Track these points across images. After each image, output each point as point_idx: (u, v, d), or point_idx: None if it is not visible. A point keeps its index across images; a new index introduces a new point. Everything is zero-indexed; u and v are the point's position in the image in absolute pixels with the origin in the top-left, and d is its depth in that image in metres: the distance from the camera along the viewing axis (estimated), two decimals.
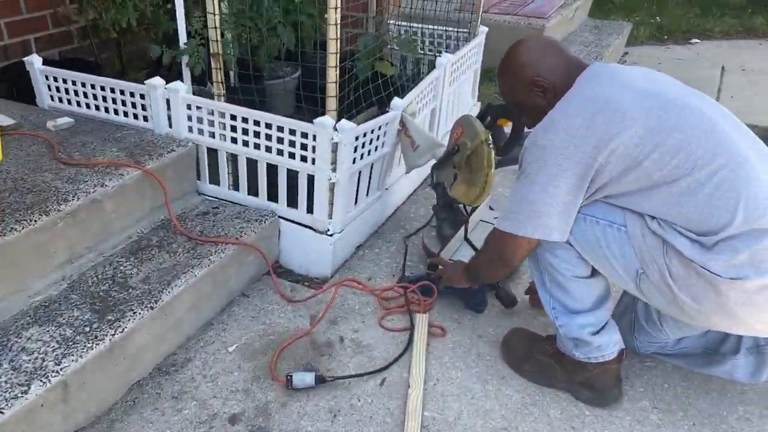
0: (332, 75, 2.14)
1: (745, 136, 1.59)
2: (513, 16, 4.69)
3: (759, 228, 1.48)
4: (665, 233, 1.56)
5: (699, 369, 1.92)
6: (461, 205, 2.48)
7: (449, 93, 3.10)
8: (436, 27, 3.47)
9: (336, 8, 2.04)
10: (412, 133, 2.48)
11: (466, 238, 2.44)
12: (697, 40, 6.24)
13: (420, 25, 3.52)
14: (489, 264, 1.88)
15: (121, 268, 2.02)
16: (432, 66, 3.59)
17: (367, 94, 2.64)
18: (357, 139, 2.25)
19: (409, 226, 2.73)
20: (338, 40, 2.11)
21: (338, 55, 2.13)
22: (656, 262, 1.58)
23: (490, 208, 2.71)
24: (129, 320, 1.80)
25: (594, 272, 1.76)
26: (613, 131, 1.55)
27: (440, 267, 2.21)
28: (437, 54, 3.56)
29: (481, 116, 2.30)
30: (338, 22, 2.08)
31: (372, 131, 2.34)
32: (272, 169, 2.34)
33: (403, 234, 2.66)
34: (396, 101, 2.44)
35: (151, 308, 1.86)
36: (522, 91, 1.81)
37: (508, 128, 2.32)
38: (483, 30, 3.45)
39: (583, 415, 1.83)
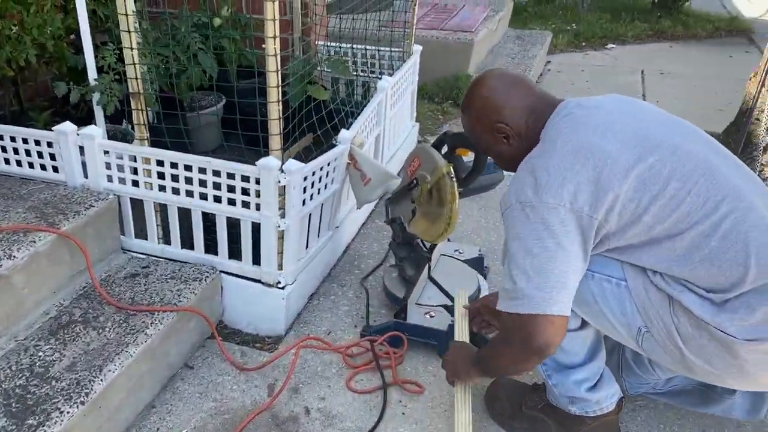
0: (274, 111, 1.90)
1: (741, 172, 1.45)
2: (440, 31, 4.57)
3: None
4: (671, 289, 1.41)
5: (694, 408, 1.80)
6: (420, 241, 2.29)
7: (391, 117, 2.92)
8: (367, 47, 3.28)
9: (275, 37, 1.80)
10: (362, 166, 2.27)
11: (430, 277, 2.24)
12: (613, 45, 6.35)
13: (350, 45, 3.32)
14: (517, 356, 1.48)
15: (40, 354, 1.70)
16: (365, 87, 3.42)
17: (301, 121, 2.40)
18: (306, 179, 2.02)
19: (364, 266, 2.51)
20: (279, 72, 1.87)
21: (280, 88, 1.89)
22: (662, 320, 1.43)
23: (448, 240, 2.53)
24: (56, 422, 1.49)
25: (584, 322, 1.60)
26: (605, 186, 1.37)
27: (444, 356, 1.84)
28: (370, 75, 3.39)
29: (437, 145, 2.11)
30: (278, 52, 1.84)
31: (321, 168, 2.11)
32: (209, 218, 2.07)
33: (359, 275, 2.44)
34: (344, 133, 2.23)
35: (82, 403, 1.56)
36: (485, 135, 1.62)
37: (467, 158, 2.15)
38: (417, 48, 3.29)
39: None
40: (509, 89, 1.58)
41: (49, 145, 2.08)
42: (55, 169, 2.13)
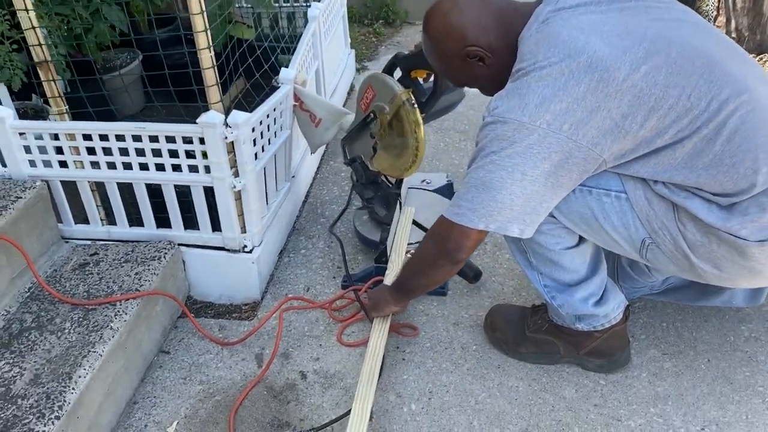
0: (207, 59, 1.69)
1: (743, 61, 1.34)
2: None
3: None
4: (675, 196, 1.32)
5: (693, 302, 1.76)
6: (385, 177, 2.15)
7: (327, 46, 2.70)
8: None
9: None
10: (310, 106, 2.08)
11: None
12: None
13: None
14: (429, 264, 1.52)
15: None
16: (292, 19, 3.17)
17: (229, 66, 2.17)
18: (254, 130, 1.83)
19: (329, 212, 2.36)
20: (205, 13, 1.64)
21: (208, 32, 1.67)
22: (668, 230, 1.35)
23: None
24: None
25: (581, 237, 1.52)
26: (593, 104, 1.23)
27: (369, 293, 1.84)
28: (294, 4, 3.13)
29: (389, 70, 1.94)
30: (203, 8, 1.61)
31: (268, 116, 1.92)
32: (156, 189, 1.86)
33: (326, 223, 2.29)
34: (285, 73, 2.02)
35: (57, 418, 1.39)
36: (458, 63, 1.45)
37: (426, 83, 1.98)
38: None
39: (599, 386, 1.62)
40: (468, 7, 1.41)
41: None
42: None
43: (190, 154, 1.79)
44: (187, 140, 1.75)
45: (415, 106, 1.81)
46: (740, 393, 1.58)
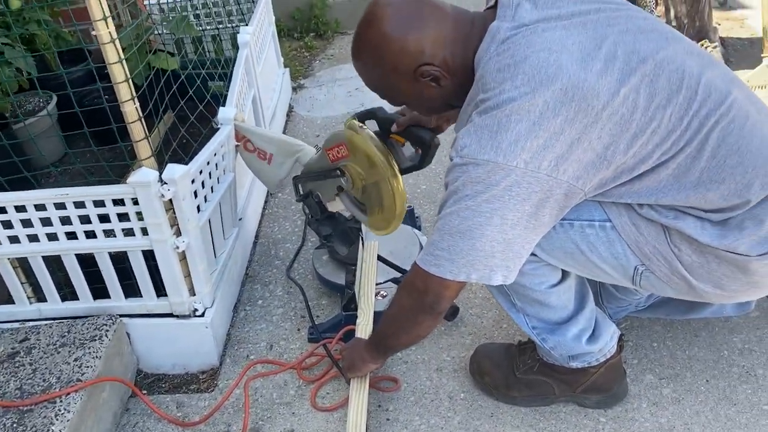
0: (132, 112, 1.49)
1: (711, 64, 1.23)
2: None
3: None
4: (664, 218, 1.22)
5: (682, 316, 1.67)
6: (340, 211, 1.97)
7: (260, 72, 2.51)
8: None
9: (105, 18, 1.36)
10: (257, 143, 1.89)
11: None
12: None
13: None
14: (408, 319, 1.36)
15: None
16: (217, 42, 2.97)
17: (156, 102, 1.95)
18: (194, 182, 1.64)
19: (283, 252, 2.18)
20: (124, 62, 1.44)
21: (130, 81, 1.47)
22: (661, 254, 1.25)
23: None
24: None
25: (564, 271, 1.41)
26: (571, 136, 1.10)
27: (341, 350, 1.68)
28: (219, 26, 2.94)
29: (363, 118, 1.70)
30: (114, 35, 1.41)
31: (209, 162, 1.72)
32: (88, 257, 1.65)
33: (281, 266, 2.11)
34: (223, 112, 1.83)
35: None
36: (405, 86, 1.27)
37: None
38: None
39: (600, 425, 1.51)
40: (419, 16, 1.22)
41: None
42: None
43: (123, 217, 1.58)
44: (119, 202, 1.55)
45: (400, 179, 1.61)
46: (746, 415, 1.50)
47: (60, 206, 1.56)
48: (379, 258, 1.94)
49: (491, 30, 1.20)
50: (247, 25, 2.44)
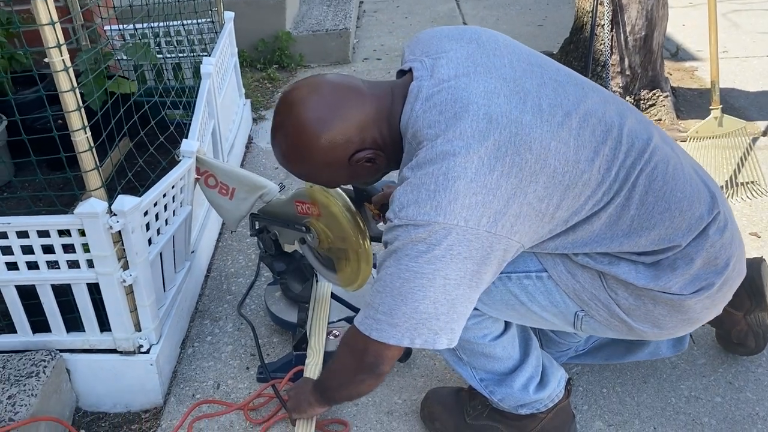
0: (83, 142, 1.44)
1: (626, 108, 1.27)
2: None
3: (701, 226, 1.24)
4: (599, 264, 1.24)
5: (621, 359, 1.69)
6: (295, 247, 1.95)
7: (221, 102, 2.49)
8: (170, 22, 2.77)
9: (59, 46, 1.33)
10: (220, 178, 1.85)
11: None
12: None
13: (148, 24, 2.78)
14: (349, 378, 1.34)
15: None
16: (177, 69, 2.94)
17: (108, 124, 1.90)
18: (147, 214, 1.60)
19: (236, 287, 2.13)
20: (77, 90, 1.41)
21: (82, 110, 1.43)
22: (598, 299, 1.28)
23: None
24: None
25: (507, 322, 1.43)
26: (507, 193, 1.10)
27: (287, 392, 1.64)
28: (180, 54, 2.90)
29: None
30: (68, 64, 1.37)
31: (165, 195, 1.69)
32: (28, 289, 1.59)
33: (233, 301, 2.07)
34: (186, 145, 1.80)
35: None
36: (339, 174, 1.28)
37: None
38: (230, 15, 2.87)
39: None
40: (339, 105, 1.21)
41: None
42: None
43: (69, 248, 1.53)
44: (65, 232, 1.50)
45: (369, 246, 1.60)
46: None
47: (2, 235, 1.50)
48: (333, 296, 1.92)
49: (412, 90, 1.19)
50: (209, 55, 2.43)
